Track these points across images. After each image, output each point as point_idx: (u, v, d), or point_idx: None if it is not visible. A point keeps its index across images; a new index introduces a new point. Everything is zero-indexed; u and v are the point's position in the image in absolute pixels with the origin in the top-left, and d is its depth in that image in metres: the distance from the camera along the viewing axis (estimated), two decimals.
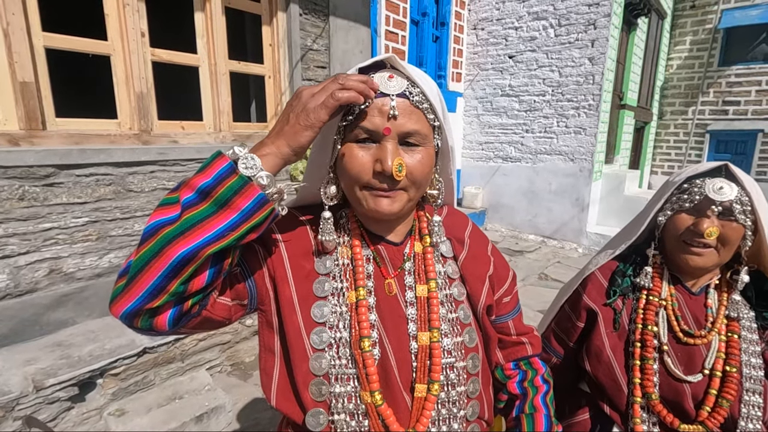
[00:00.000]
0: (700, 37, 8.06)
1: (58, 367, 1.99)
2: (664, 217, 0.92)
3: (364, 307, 0.67)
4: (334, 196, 0.70)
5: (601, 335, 0.96)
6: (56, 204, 2.28)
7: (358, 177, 0.64)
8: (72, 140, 2.35)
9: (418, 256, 0.75)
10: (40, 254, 2.25)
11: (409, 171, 0.64)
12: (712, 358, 0.88)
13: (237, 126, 3.16)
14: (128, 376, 2.17)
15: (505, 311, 0.83)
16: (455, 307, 0.74)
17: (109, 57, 2.49)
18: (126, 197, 2.54)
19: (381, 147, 0.63)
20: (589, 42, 5.45)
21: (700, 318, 0.92)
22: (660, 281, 0.95)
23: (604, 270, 1.02)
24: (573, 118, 5.75)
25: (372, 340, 0.67)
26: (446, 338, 0.71)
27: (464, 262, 0.77)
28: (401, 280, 0.73)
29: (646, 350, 0.91)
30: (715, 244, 0.86)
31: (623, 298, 0.98)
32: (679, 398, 0.89)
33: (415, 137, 0.64)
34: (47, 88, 2.26)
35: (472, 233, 0.82)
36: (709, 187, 0.84)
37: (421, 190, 0.69)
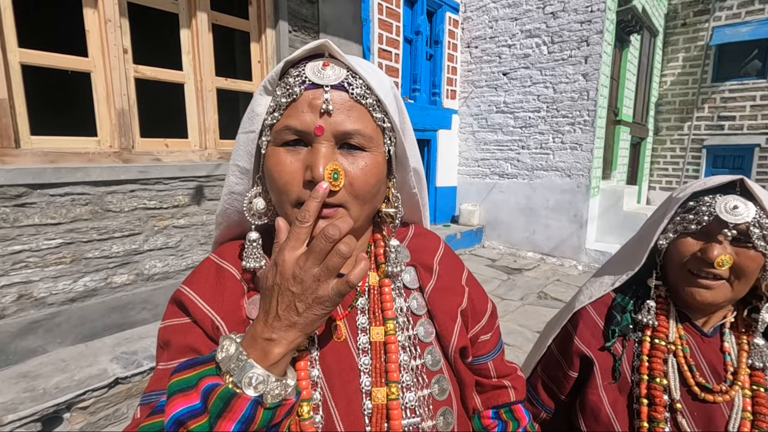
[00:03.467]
0: (693, 53, 8.13)
1: (20, 401, 1.84)
2: (666, 240, 0.78)
3: (303, 361, 0.54)
4: (263, 214, 0.58)
5: (597, 388, 0.81)
6: (28, 225, 2.16)
7: (287, 189, 0.52)
8: (47, 159, 2.26)
9: (373, 289, 0.62)
10: (8, 278, 2.12)
11: (349, 181, 0.52)
12: (737, 420, 0.73)
13: (224, 144, 3.08)
14: (98, 410, 2.02)
15: (484, 351, 0.69)
16: (421, 352, 0.61)
17: (89, 74, 2.42)
18: (104, 217, 2.43)
19: (312, 151, 0.51)
20: (583, 58, 5.45)
21: (718, 367, 0.77)
22: (666, 319, 0.80)
23: (598, 305, 0.87)
24: (569, 134, 5.71)
25: (313, 403, 0.54)
26: (408, 392, 0.58)
27: (431, 294, 0.64)
28: (353, 321, 0.60)
29: (655, 409, 0.75)
30: (728, 276, 0.72)
31: (623, 339, 0.82)
32: None
33: (356, 139, 0.53)
34: (22, 105, 2.18)
35: (443, 258, 0.69)
36: (720, 206, 0.71)
37: (368, 207, 0.57)
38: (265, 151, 0.55)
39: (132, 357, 2.22)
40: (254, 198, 0.58)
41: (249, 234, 0.57)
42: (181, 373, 0.46)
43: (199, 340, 0.55)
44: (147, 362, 2.18)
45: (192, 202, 2.83)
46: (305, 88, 0.51)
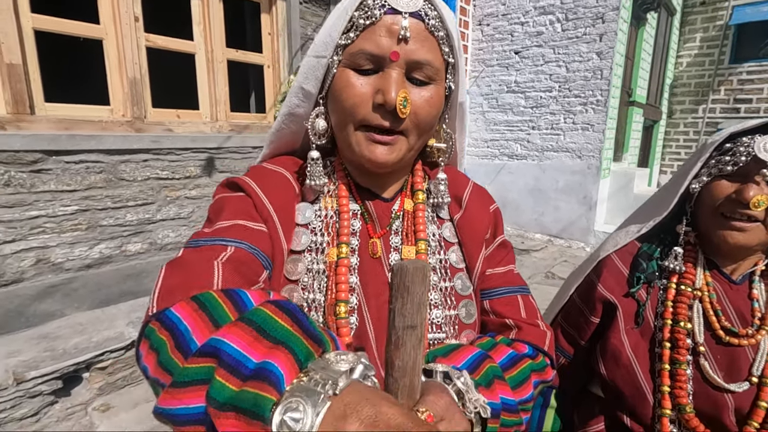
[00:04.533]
0: (711, 33, 7.91)
1: (42, 359, 1.90)
2: (699, 184, 0.77)
3: (344, 266, 0.57)
4: (323, 134, 0.60)
5: (619, 332, 0.81)
6: (44, 191, 2.20)
7: (354, 110, 0.54)
8: (61, 126, 2.27)
9: (407, 214, 0.64)
10: (27, 243, 2.17)
11: (414, 110, 0.53)
12: (761, 363, 0.73)
13: (234, 116, 3.08)
14: (116, 370, 2.07)
15: (486, 287, 0.67)
16: (451, 276, 0.63)
17: (101, 41, 2.41)
18: (118, 186, 2.46)
19: (384, 76, 0.53)
20: (597, 36, 5.33)
21: (745, 313, 0.77)
22: (693, 266, 0.80)
23: (623, 254, 0.86)
24: (580, 114, 5.62)
25: (350, 306, 0.57)
26: (436, 310, 0.60)
27: (459, 223, 0.67)
28: (387, 241, 0.63)
29: (678, 352, 0.75)
30: (763, 217, 0.71)
31: (647, 286, 0.82)
32: (719, 411, 0.74)
33: (425, 70, 0.54)
34: (36, 72, 2.19)
35: (472, 194, 0.70)
36: (759, 145, 0.69)
37: (424, 138, 0.59)
38: (336, 71, 0.55)
39: None
40: (316, 118, 0.59)
41: (311, 153, 0.59)
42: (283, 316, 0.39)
43: (254, 213, 0.57)
44: None
45: (203, 174, 2.85)
46: (385, 12, 0.52)
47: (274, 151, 0.69)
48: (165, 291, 0.45)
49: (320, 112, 0.60)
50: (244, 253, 0.51)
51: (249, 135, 3.09)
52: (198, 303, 0.41)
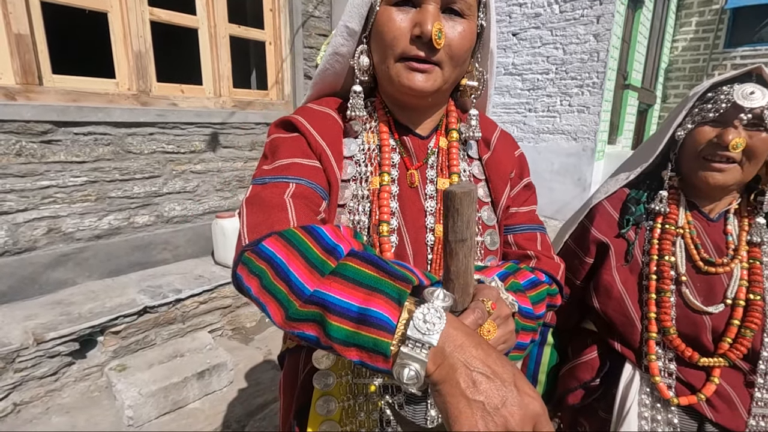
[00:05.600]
0: (707, 18, 7.94)
1: (59, 322, 1.97)
2: (684, 131, 0.84)
3: (386, 192, 0.65)
4: (366, 71, 0.66)
5: (611, 270, 0.89)
6: (54, 162, 2.24)
7: (394, 43, 0.60)
8: (69, 97, 2.30)
9: (442, 150, 0.71)
10: (39, 212, 2.22)
11: (448, 42, 0.60)
12: (734, 287, 0.82)
13: (237, 92, 3.11)
14: (129, 335, 2.16)
15: (510, 223, 0.76)
16: (479, 207, 0.71)
17: (106, 14, 2.43)
18: (125, 158, 2.50)
19: (422, 10, 0.59)
20: (595, 18, 5.36)
21: (721, 245, 0.86)
22: (676, 207, 0.88)
23: (613, 200, 0.94)
24: (576, 97, 5.68)
25: (391, 226, 0.64)
26: None
27: (487, 162, 0.74)
28: (423, 173, 0.70)
29: (663, 282, 0.84)
30: (740, 158, 0.78)
31: (635, 227, 0.91)
32: (698, 331, 0.83)
33: (459, 4, 0.60)
34: (43, 43, 2.21)
35: (500, 137, 0.77)
36: (738, 92, 0.76)
37: (457, 70, 0.65)
38: (378, 9, 0.61)
39: (158, 290, 2.35)
40: (360, 55, 0.65)
41: (354, 87, 0.65)
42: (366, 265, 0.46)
43: (308, 150, 0.64)
44: (172, 295, 2.30)
45: (208, 149, 2.89)
46: None
47: (318, 93, 0.75)
48: (252, 226, 0.54)
49: (364, 50, 0.66)
50: (305, 188, 0.59)
51: (252, 111, 3.13)
52: (285, 239, 0.50)
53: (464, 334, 0.41)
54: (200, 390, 2.04)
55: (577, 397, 0.94)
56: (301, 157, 0.63)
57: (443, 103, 0.72)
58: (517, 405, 0.37)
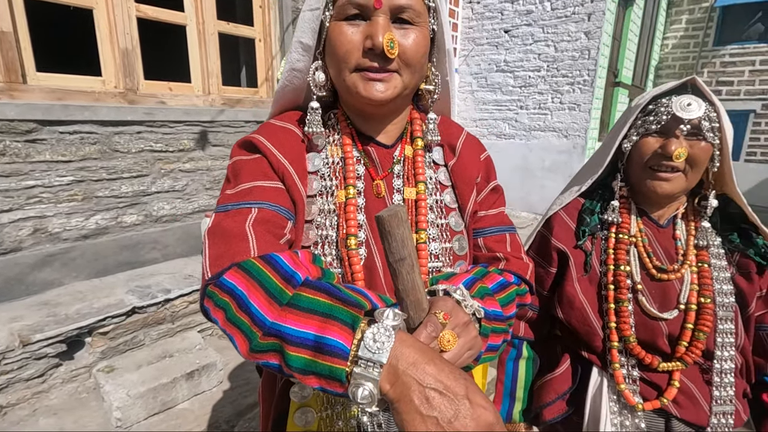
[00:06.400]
0: (696, 15, 8.01)
1: (45, 323, 1.96)
2: (630, 143, 0.86)
3: (352, 205, 0.65)
4: (323, 86, 0.67)
5: (572, 281, 0.92)
6: (39, 161, 2.21)
7: (348, 57, 0.60)
8: (54, 96, 2.27)
9: (408, 159, 0.72)
10: (24, 212, 2.19)
11: (402, 50, 0.60)
12: (686, 292, 0.85)
13: (226, 90, 3.09)
14: (117, 336, 2.14)
15: (479, 226, 0.77)
16: (446, 214, 0.72)
17: (91, 10, 2.39)
18: (112, 157, 2.48)
19: (372, 23, 0.59)
20: (586, 16, 5.38)
21: (671, 251, 0.88)
22: (628, 216, 0.90)
23: (570, 210, 0.96)
24: (567, 94, 5.71)
25: (359, 239, 0.65)
26: (434, 243, 0.69)
27: (454, 168, 0.74)
28: (389, 183, 0.70)
29: (620, 292, 0.86)
30: (684, 167, 0.81)
31: (592, 237, 0.93)
32: (655, 337, 0.86)
33: (408, 13, 0.60)
34: (26, 40, 2.17)
35: (465, 142, 0.77)
36: (676, 104, 0.78)
37: (416, 76, 0.65)
38: (329, 25, 0.62)
39: (146, 290, 2.33)
40: (316, 71, 0.66)
41: (311, 103, 0.66)
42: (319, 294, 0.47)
43: (269, 172, 0.64)
44: (161, 295, 2.29)
45: (197, 147, 2.87)
46: None
47: (281, 108, 0.75)
48: (213, 258, 0.54)
49: (319, 66, 0.66)
50: (267, 212, 0.60)
51: (241, 109, 3.11)
52: (245, 270, 0.51)
53: (417, 351, 0.42)
54: (189, 390, 2.04)
55: (553, 412, 0.95)
56: (262, 179, 0.63)
57: (404, 111, 0.72)
58: (470, 417, 0.38)
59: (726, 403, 0.84)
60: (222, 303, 0.50)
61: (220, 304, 0.51)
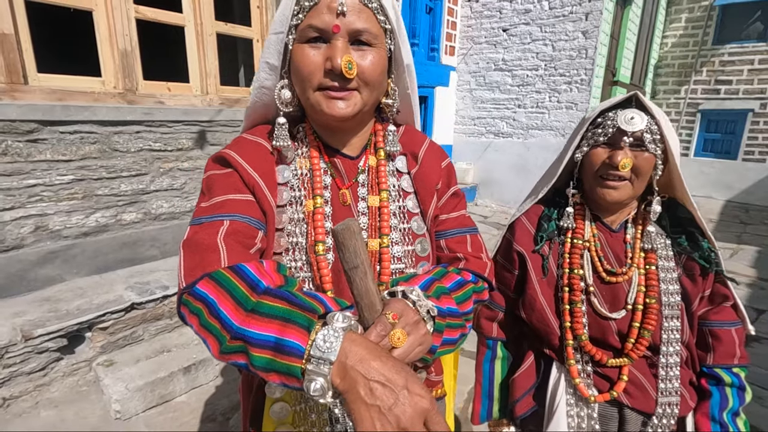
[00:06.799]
0: (696, 14, 8.01)
1: (47, 319, 2.02)
2: (581, 154, 0.91)
3: (320, 214, 0.70)
4: (289, 102, 0.71)
5: (533, 283, 0.97)
6: (40, 160, 2.26)
7: (310, 77, 0.65)
8: (55, 96, 2.32)
9: (372, 169, 0.77)
10: (25, 210, 2.25)
11: (360, 71, 0.65)
12: (633, 293, 0.90)
13: (225, 90, 3.13)
14: (117, 331, 2.20)
15: (441, 229, 0.82)
16: (408, 219, 0.77)
17: (91, 13, 2.43)
18: (112, 156, 2.53)
19: (331, 45, 0.64)
20: (583, 15, 5.40)
21: (621, 255, 0.94)
22: (582, 221, 0.96)
23: (531, 215, 1.02)
24: (565, 93, 5.74)
25: (326, 245, 0.70)
26: (396, 246, 0.74)
27: (416, 175, 0.79)
28: (355, 192, 0.75)
29: (574, 294, 0.92)
30: (630, 176, 0.86)
31: (549, 242, 0.98)
32: (606, 335, 0.92)
33: (365, 36, 0.65)
34: (28, 42, 2.22)
35: (428, 150, 0.82)
36: (621, 118, 0.84)
37: (375, 93, 0.70)
38: (292, 48, 0.67)
39: (145, 286, 2.39)
40: (282, 89, 0.70)
41: (278, 119, 0.70)
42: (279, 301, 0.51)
43: (240, 185, 0.68)
44: (160, 291, 2.35)
45: (195, 146, 2.92)
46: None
47: (252, 123, 0.79)
48: (188, 270, 0.59)
49: (285, 84, 0.71)
50: (239, 224, 0.64)
51: (239, 109, 3.15)
52: (215, 280, 0.56)
53: (364, 349, 0.47)
54: (186, 384, 2.10)
55: (523, 408, 1.00)
56: (234, 192, 0.67)
57: (367, 123, 0.77)
58: (408, 404, 0.44)
59: (671, 394, 0.90)
60: (196, 310, 0.55)
61: (194, 310, 0.56)
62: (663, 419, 0.90)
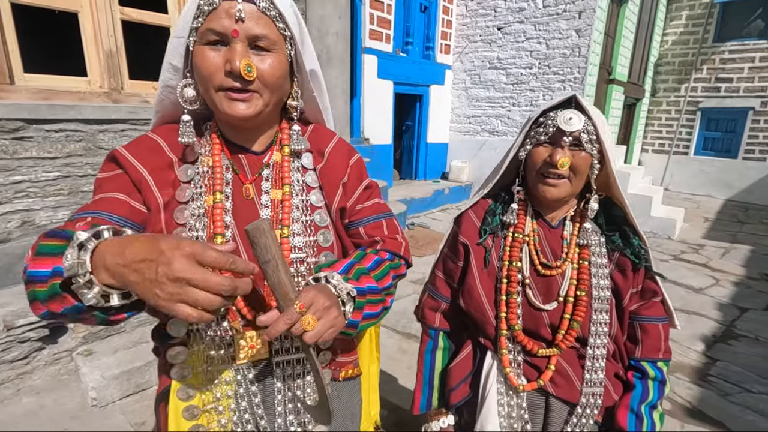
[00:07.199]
0: (696, 12, 7.95)
1: (29, 310, 2.09)
2: (524, 152, 0.94)
3: (219, 209, 0.74)
4: (193, 100, 0.74)
5: (473, 274, 1.00)
6: (26, 158, 2.34)
7: (211, 78, 0.68)
8: (41, 96, 2.40)
9: (276, 164, 0.81)
10: (12, 206, 2.33)
11: (259, 74, 0.69)
12: (565, 286, 0.94)
13: None
14: (151, 330, 2.28)
15: (358, 217, 0.87)
16: (311, 212, 0.81)
17: (76, 14, 2.51)
18: (97, 154, 2.60)
19: (231, 49, 0.68)
20: (577, 13, 5.40)
21: (557, 249, 0.97)
22: (524, 217, 0.99)
23: (477, 209, 1.05)
24: (558, 91, 5.74)
25: (226, 238, 0.74)
26: (298, 237, 0.78)
27: (322, 171, 0.84)
28: (258, 186, 0.79)
29: (511, 285, 0.96)
30: (568, 174, 0.89)
31: (493, 236, 1.02)
32: (538, 326, 0.95)
33: (263, 41, 0.69)
34: (14, 43, 2.30)
35: (334, 148, 0.86)
36: (560, 118, 0.87)
37: (276, 95, 0.74)
38: (193, 49, 0.70)
39: None
40: (184, 87, 0.74)
41: (182, 116, 0.74)
42: (51, 239, 0.57)
43: (127, 186, 0.73)
44: None
45: None
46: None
47: (161, 119, 0.82)
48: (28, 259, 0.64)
49: (188, 83, 0.73)
50: (99, 220, 0.66)
51: None
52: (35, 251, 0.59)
53: (116, 246, 0.53)
54: None
55: (458, 396, 1.04)
56: (113, 191, 0.71)
57: (273, 122, 0.81)
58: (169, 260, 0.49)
59: (596, 384, 0.93)
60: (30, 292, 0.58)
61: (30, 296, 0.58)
62: (587, 408, 0.94)
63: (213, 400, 0.78)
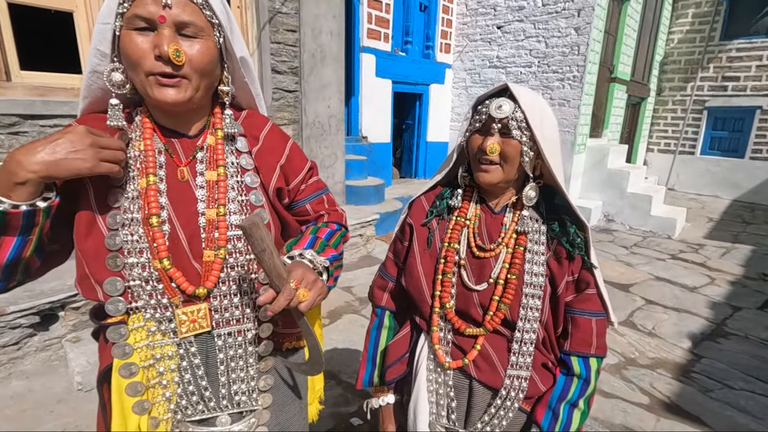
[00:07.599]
0: (703, 9, 7.84)
1: (20, 297, 2.18)
2: (464, 139, 0.97)
3: (153, 190, 0.77)
4: (121, 85, 0.76)
5: (414, 253, 1.04)
6: None
7: (140, 62, 0.71)
8: (36, 92, 2.49)
9: (210, 147, 0.84)
10: None
11: (188, 59, 0.72)
12: (498, 269, 0.96)
13: None
14: (88, 311, 2.35)
15: (302, 196, 0.95)
16: (246, 192, 0.85)
17: (71, 13, 2.60)
18: None
19: (158, 34, 0.70)
20: (576, 11, 5.38)
21: (495, 234, 1.00)
22: (469, 202, 1.03)
23: (429, 195, 1.09)
24: (557, 90, 5.73)
25: (161, 218, 0.77)
26: (234, 215, 0.82)
27: (257, 155, 0.88)
28: (193, 168, 0.82)
29: (447, 265, 0.99)
30: (499, 161, 0.92)
31: (438, 219, 1.05)
32: (469, 306, 0.98)
33: (190, 28, 0.72)
34: (11, 41, 2.39)
35: (269, 133, 0.90)
36: (492, 106, 0.89)
37: (206, 80, 0.76)
38: (120, 34, 0.73)
39: None
40: (112, 72, 0.76)
41: (111, 100, 0.76)
42: None
43: None
44: None
45: None
46: None
47: (89, 105, 0.82)
48: None
49: (115, 68, 0.74)
50: None
51: None
52: None
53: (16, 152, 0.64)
54: None
55: (393, 373, 1.07)
56: None
57: (206, 107, 0.84)
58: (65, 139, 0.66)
59: (522, 368, 0.95)
60: None
61: None
62: (511, 391, 0.95)
63: (156, 375, 0.81)
